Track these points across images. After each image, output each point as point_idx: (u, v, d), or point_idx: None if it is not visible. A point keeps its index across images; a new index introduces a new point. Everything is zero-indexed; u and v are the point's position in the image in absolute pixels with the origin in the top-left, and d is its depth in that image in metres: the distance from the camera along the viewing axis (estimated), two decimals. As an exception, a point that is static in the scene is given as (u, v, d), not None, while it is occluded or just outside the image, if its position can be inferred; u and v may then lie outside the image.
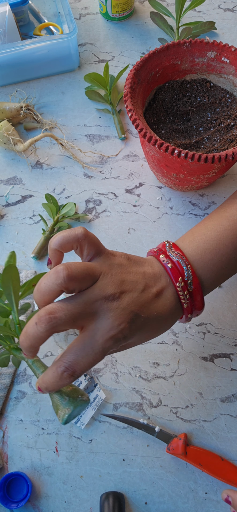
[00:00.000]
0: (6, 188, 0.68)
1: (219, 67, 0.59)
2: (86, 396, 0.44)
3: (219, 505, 0.51)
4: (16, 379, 0.57)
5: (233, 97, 0.61)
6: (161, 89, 0.61)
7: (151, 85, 0.59)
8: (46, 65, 0.76)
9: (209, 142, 0.59)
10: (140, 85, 0.56)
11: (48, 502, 0.52)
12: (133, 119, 0.52)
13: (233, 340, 0.58)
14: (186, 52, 0.59)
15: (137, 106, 0.55)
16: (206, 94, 0.62)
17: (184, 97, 0.62)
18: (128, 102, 0.53)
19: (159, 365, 0.57)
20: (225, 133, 0.59)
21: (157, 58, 0.58)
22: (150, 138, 0.50)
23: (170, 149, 0.49)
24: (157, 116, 0.61)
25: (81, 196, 0.67)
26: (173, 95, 0.62)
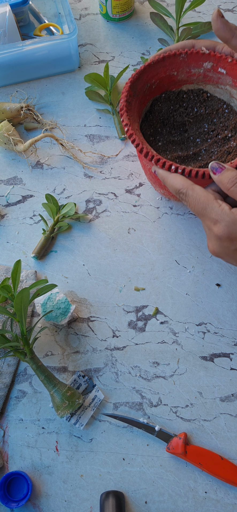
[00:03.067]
0: (6, 188, 0.69)
1: (216, 78, 0.58)
2: (82, 398, 0.54)
3: (219, 504, 0.51)
4: (16, 378, 0.57)
5: (230, 107, 0.59)
6: (157, 100, 0.60)
7: (147, 96, 0.58)
8: (46, 65, 0.76)
9: (206, 154, 0.58)
10: (136, 97, 0.55)
11: (48, 501, 0.52)
12: (129, 134, 0.51)
13: (232, 339, 0.58)
14: (182, 63, 0.57)
15: (133, 119, 0.54)
16: (203, 104, 0.61)
17: (181, 107, 0.61)
18: (124, 116, 0.52)
19: (158, 365, 0.57)
20: (223, 145, 0.58)
21: (152, 70, 0.56)
22: (146, 154, 0.50)
23: (167, 164, 0.48)
24: (153, 128, 0.60)
25: (82, 196, 0.68)
26: (170, 106, 0.61)
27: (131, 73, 0.78)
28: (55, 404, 0.52)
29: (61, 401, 0.51)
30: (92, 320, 0.60)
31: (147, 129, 0.59)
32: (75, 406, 0.52)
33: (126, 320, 0.59)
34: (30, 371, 0.57)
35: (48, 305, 0.57)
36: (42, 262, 0.63)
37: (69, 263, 0.63)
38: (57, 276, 0.62)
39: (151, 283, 0.61)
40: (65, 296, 0.58)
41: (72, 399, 0.52)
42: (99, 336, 0.59)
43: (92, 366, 0.57)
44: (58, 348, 0.58)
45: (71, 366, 0.57)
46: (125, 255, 0.63)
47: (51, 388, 0.52)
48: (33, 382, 0.57)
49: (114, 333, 0.59)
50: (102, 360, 0.57)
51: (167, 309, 0.60)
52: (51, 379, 0.52)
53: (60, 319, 0.57)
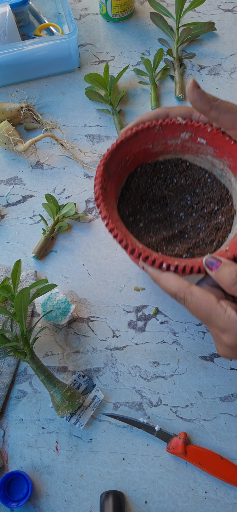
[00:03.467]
0: (6, 188, 0.69)
1: (195, 148, 0.53)
2: (82, 398, 0.53)
3: (219, 504, 0.51)
4: (16, 378, 0.57)
5: (213, 176, 0.55)
6: (132, 175, 0.55)
7: (122, 175, 0.53)
8: (46, 65, 0.76)
9: (193, 230, 0.53)
10: (111, 180, 0.50)
11: (48, 501, 0.52)
12: (110, 228, 0.46)
13: (232, 339, 0.58)
14: (157, 135, 0.52)
15: (111, 207, 0.49)
16: (183, 174, 0.55)
17: (159, 179, 0.56)
18: (101, 207, 0.47)
19: (158, 365, 0.57)
20: (210, 219, 0.53)
21: (126, 146, 0.51)
22: (132, 251, 0.45)
23: (157, 263, 0.44)
24: (132, 206, 0.54)
25: (82, 196, 0.68)
26: (147, 179, 0.55)
27: (131, 73, 0.78)
28: (55, 404, 0.52)
29: (61, 401, 0.51)
30: (92, 320, 0.60)
31: (125, 209, 0.54)
32: (75, 406, 0.52)
33: (126, 320, 0.59)
34: (30, 371, 0.57)
35: (48, 305, 0.57)
36: (42, 262, 0.63)
37: (69, 263, 0.63)
38: (57, 276, 0.62)
39: (151, 283, 0.61)
40: (65, 296, 0.58)
41: (72, 399, 0.52)
42: (99, 336, 0.59)
43: (92, 366, 0.57)
44: (58, 348, 0.58)
45: (71, 366, 0.57)
46: (125, 255, 0.63)
47: (51, 388, 0.52)
48: (33, 382, 0.57)
49: (114, 333, 0.59)
50: (102, 360, 0.57)
51: (167, 309, 0.60)
52: (51, 379, 0.52)
53: (60, 319, 0.57)
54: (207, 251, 0.51)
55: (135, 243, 0.46)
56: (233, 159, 0.51)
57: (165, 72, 0.78)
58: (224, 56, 0.79)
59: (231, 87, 0.76)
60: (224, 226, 0.52)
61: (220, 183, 0.54)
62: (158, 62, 0.76)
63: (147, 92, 0.76)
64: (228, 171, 0.52)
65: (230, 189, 0.54)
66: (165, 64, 0.78)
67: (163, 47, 0.80)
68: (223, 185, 0.54)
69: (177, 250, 0.52)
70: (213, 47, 0.80)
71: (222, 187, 0.54)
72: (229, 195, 0.54)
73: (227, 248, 0.47)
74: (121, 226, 0.48)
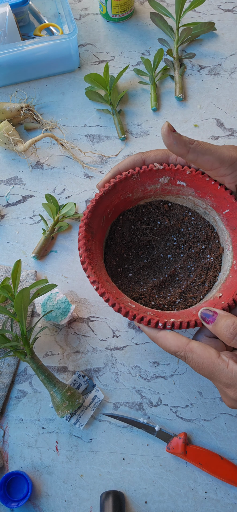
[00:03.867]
0: (6, 188, 0.69)
1: (176, 190, 0.52)
2: (82, 398, 0.54)
3: (219, 504, 0.51)
4: (16, 378, 0.57)
5: (197, 214, 0.54)
6: (115, 224, 0.54)
7: (105, 227, 0.52)
8: (46, 65, 0.76)
9: (183, 272, 0.54)
10: (95, 238, 0.50)
11: (48, 501, 0.52)
12: (100, 293, 0.45)
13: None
14: (136, 183, 0.51)
15: (98, 267, 0.48)
16: (166, 215, 0.55)
17: (143, 224, 0.55)
18: (88, 271, 0.46)
19: (158, 365, 0.57)
20: (198, 259, 0.54)
21: (105, 200, 0.51)
22: (126, 313, 0.44)
23: (152, 323, 0.44)
24: (118, 256, 0.54)
25: (82, 196, 0.68)
26: (130, 226, 0.55)
27: (131, 73, 0.78)
28: (55, 404, 0.52)
29: (61, 401, 0.51)
30: (92, 320, 0.60)
31: (112, 260, 0.53)
32: (75, 406, 0.52)
33: (126, 320, 0.59)
34: (30, 371, 0.57)
35: (48, 305, 0.57)
36: (42, 262, 0.63)
37: (69, 263, 0.63)
38: (57, 276, 0.62)
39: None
40: (65, 296, 0.58)
41: (72, 399, 0.52)
42: (99, 336, 0.59)
43: (92, 366, 0.57)
44: (58, 348, 0.58)
45: (71, 366, 0.57)
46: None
47: (51, 388, 0.52)
48: (33, 382, 0.57)
49: (114, 333, 0.59)
50: (102, 360, 0.57)
51: (167, 309, 0.60)
52: (51, 379, 0.52)
53: (60, 319, 0.57)
54: (200, 294, 0.51)
55: (127, 304, 0.46)
56: (216, 199, 0.50)
57: (165, 72, 0.78)
58: (224, 56, 0.79)
59: (231, 87, 0.76)
60: (213, 266, 0.52)
61: (204, 220, 0.54)
62: (158, 62, 0.76)
63: (147, 92, 0.76)
64: (212, 210, 0.52)
65: (215, 226, 0.53)
66: (165, 64, 0.78)
67: (163, 47, 0.80)
68: (208, 222, 0.54)
69: (170, 296, 0.52)
70: (213, 47, 0.80)
71: (207, 224, 0.54)
72: (215, 232, 0.54)
73: (221, 295, 0.47)
74: (111, 288, 0.47)
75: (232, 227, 0.50)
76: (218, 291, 0.49)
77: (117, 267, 0.53)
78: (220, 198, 0.50)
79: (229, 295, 0.46)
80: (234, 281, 0.48)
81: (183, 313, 0.47)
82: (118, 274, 0.53)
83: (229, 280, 0.49)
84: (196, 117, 0.74)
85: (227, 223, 0.51)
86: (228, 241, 0.51)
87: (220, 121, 0.73)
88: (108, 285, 0.47)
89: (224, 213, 0.51)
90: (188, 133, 0.72)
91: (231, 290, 0.47)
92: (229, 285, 0.48)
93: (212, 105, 0.75)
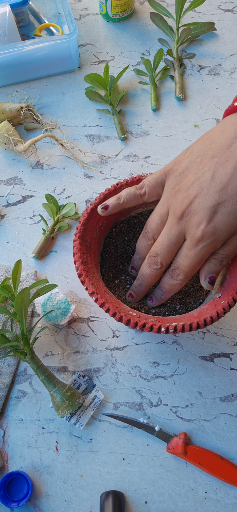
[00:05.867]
0: (6, 188, 0.69)
1: None
2: (82, 398, 0.54)
3: (219, 504, 0.51)
4: (16, 378, 0.57)
5: None
6: (108, 237, 0.55)
7: (98, 240, 0.53)
8: (46, 65, 0.76)
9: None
10: (89, 250, 0.50)
11: (48, 501, 0.52)
12: (100, 304, 0.45)
13: (232, 339, 0.58)
14: None
15: (96, 279, 0.48)
16: None
17: (136, 234, 0.56)
18: (86, 283, 0.46)
19: (158, 365, 0.57)
20: None
21: (97, 213, 0.51)
22: (128, 321, 0.44)
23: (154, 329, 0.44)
24: (114, 268, 0.54)
25: (82, 196, 0.68)
26: (123, 237, 0.56)
27: (131, 73, 0.78)
28: (55, 404, 0.52)
29: (61, 401, 0.51)
30: (92, 320, 0.60)
31: (109, 272, 0.54)
32: (75, 406, 0.52)
33: (126, 320, 0.59)
34: (30, 371, 0.57)
35: (48, 305, 0.57)
36: (42, 262, 0.63)
37: (69, 263, 0.63)
38: (57, 276, 0.62)
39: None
40: (65, 296, 0.58)
41: (72, 399, 0.52)
42: (99, 336, 0.59)
43: (92, 366, 0.57)
44: (58, 348, 0.58)
45: (71, 366, 0.57)
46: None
47: (51, 388, 0.52)
48: (33, 382, 0.57)
49: (114, 333, 0.59)
50: (102, 360, 0.57)
51: (167, 309, 0.60)
52: (51, 379, 0.52)
53: (60, 319, 0.57)
54: (199, 297, 0.52)
55: (128, 312, 0.46)
56: None
57: (165, 72, 0.78)
58: (224, 56, 0.79)
59: (231, 87, 0.76)
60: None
61: None
62: (158, 62, 0.76)
63: (147, 92, 0.76)
64: None
65: None
66: (165, 64, 0.78)
67: (163, 47, 0.80)
68: None
69: (169, 303, 0.52)
70: (213, 47, 0.80)
71: None
72: None
73: (220, 295, 0.47)
74: (110, 298, 0.47)
75: None
76: (217, 292, 0.49)
77: (114, 279, 0.54)
78: None
79: (228, 294, 0.47)
80: (231, 280, 0.48)
81: (184, 317, 0.48)
82: (116, 286, 0.53)
83: (226, 281, 0.49)
84: (196, 117, 0.74)
85: None
86: None
87: (220, 121, 0.73)
88: (107, 295, 0.47)
89: None
90: (188, 133, 0.72)
91: (230, 289, 0.47)
92: (226, 285, 0.48)
93: (212, 105, 0.75)
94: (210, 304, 0.48)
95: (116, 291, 0.53)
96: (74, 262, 0.47)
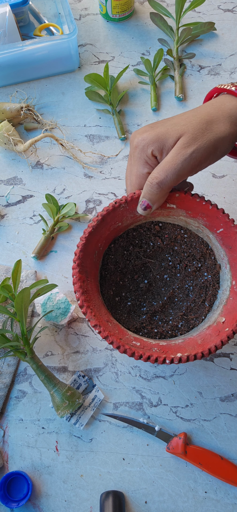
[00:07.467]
0: (6, 188, 0.69)
1: (166, 212, 0.51)
2: (82, 398, 0.54)
3: (219, 504, 0.51)
4: (16, 378, 0.57)
5: (189, 231, 0.53)
6: (107, 253, 0.53)
7: (97, 262, 0.51)
8: (46, 65, 0.76)
9: (181, 292, 0.53)
10: (89, 276, 0.49)
11: (48, 501, 0.52)
12: (103, 336, 0.45)
13: (232, 339, 0.58)
14: (124, 211, 0.50)
15: (98, 308, 0.47)
16: (158, 236, 0.54)
17: (135, 247, 0.54)
18: (88, 314, 0.45)
19: (158, 365, 0.57)
20: (195, 278, 0.53)
21: (95, 236, 0.49)
22: (132, 354, 0.44)
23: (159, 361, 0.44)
24: (114, 284, 0.53)
25: (82, 196, 0.68)
26: (123, 252, 0.54)
27: (131, 73, 0.78)
28: (55, 404, 0.52)
29: (61, 401, 0.51)
30: (92, 320, 0.60)
31: (109, 290, 0.52)
32: (75, 406, 0.52)
33: (126, 320, 0.59)
34: (30, 371, 0.57)
35: (48, 305, 0.57)
36: (42, 262, 0.63)
37: (69, 263, 0.63)
38: (57, 276, 0.62)
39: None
40: (65, 296, 0.58)
41: (72, 399, 0.52)
42: (99, 336, 0.59)
43: (92, 366, 0.57)
44: (58, 348, 0.58)
45: (71, 366, 0.57)
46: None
47: (51, 388, 0.52)
48: (33, 382, 0.57)
49: (114, 333, 0.59)
50: (102, 360, 0.57)
51: (167, 309, 0.60)
52: (51, 379, 0.52)
53: (60, 319, 0.57)
54: (201, 314, 0.51)
55: (132, 343, 0.46)
56: (208, 218, 0.50)
57: (165, 72, 0.78)
58: (224, 56, 0.79)
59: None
60: (212, 284, 0.52)
61: (198, 237, 0.53)
62: (158, 62, 0.76)
63: (147, 92, 0.76)
64: (205, 229, 0.52)
65: (209, 243, 0.53)
66: (165, 64, 0.78)
67: (163, 47, 0.80)
68: (202, 239, 0.53)
69: (171, 321, 0.51)
70: (213, 47, 0.80)
71: (200, 241, 0.53)
72: (210, 249, 0.53)
73: (224, 320, 0.47)
74: (113, 328, 0.47)
75: (228, 246, 0.50)
76: (220, 315, 0.48)
77: (115, 296, 0.53)
78: (212, 217, 0.50)
79: (233, 319, 0.46)
80: (236, 303, 0.48)
81: (188, 344, 0.47)
82: (117, 304, 0.52)
83: (230, 303, 0.49)
84: (196, 117, 0.74)
85: (222, 242, 0.51)
86: (225, 259, 0.51)
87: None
88: (110, 325, 0.47)
89: (218, 232, 0.50)
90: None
91: (234, 314, 0.47)
92: (231, 308, 0.48)
93: (212, 105, 0.75)
94: (214, 330, 0.47)
95: (117, 310, 0.52)
96: (74, 292, 0.46)
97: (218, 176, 0.68)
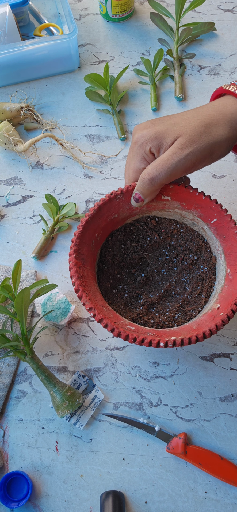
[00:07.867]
0: (6, 188, 0.69)
1: (161, 205, 0.53)
2: (82, 398, 0.54)
3: (219, 504, 0.51)
4: (16, 378, 0.57)
5: (185, 226, 0.54)
6: (105, 246, 0.54)
7: (95, 251, 0.52)
8: (46, 65, 0.76)
9: (178, 286, 0.54)
10: (86, 263, 0.49)
11: (48, 501, 0.52)
12: (98, 319, 0.45)
13: (232, 339, 0.58)
14: (120, 203, 0.52)
15: (93, 293, 0.48)
16: (154, 230, 0.55)
17: (132, 242, 0.55)
18: (84, 298, 0.45)
19: (158, 365, 0.57)
20: (192, 271, 0.54)
21: (92, 225, 0.50)
22: (126, 337, 0.44)
23: (153, 343, 0.44)
24: (112, 277, 0.54)
25: (82, 196, 0.68)
26: (120, 245, 0.55)
27: (131, 73, 0.78)
28: (55, 404, 0.52)
29: (61, 401, 0.51)
30: (92, 320, 0.60)
31: (106, 282, 0.53)
32: (75, 406, 0.52)
33: (126, 320, 0.59)
34: (30, 371, 0.57)
35: (48, 305, 0.57)
36: (42, 262, 0.63)
37: (69, 263, 0.63)
38: (57, 276, 0.62)
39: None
40: (65, 296, 0.58)
41: (72, 399, 0.52)
42: (99, 336, 0.59)
43: (92, 366, 0.57)
44: (58, 348, 0.58)
45: (71, 366, 0.57)
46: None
47: (51, 388, 0.52)
48: (33, 382, 0.57)
49: (114, 333, 0.59)
50: (102, 360, 0.57)
51: (167, 309, 0.60)
52: (51, 379, 0.52)
53: (60, 319, 0.57)
54: (198, 305, 0.52)
55: (126, 327, 0.46)
56: (202, 209, 0.51)
57: (165, 72, 0.78)
58: (224, 56, 0.79)
59: (231, 87, 0.76)
60: (208, 276, 0.52)
61: (193, 231, 0.54)
62: (158, 62, 0.76)
63: (147, 92, 0.76)
64: (199, 221, 0.53)
65: (205, 236, 0.54)
66: (165, 64, 0.78)
67: (163, 47, 0.80)
68: (197, 232, 0.54)
69: (168, 312, 0.52)
70: (213, 47, 0.80)
71: (196, 235, 0.54)
72: (206, 242, 0.54)
73: (219, 306, 0.47)
74: (108, 313, 0.47)
75: (222, 236, 0.51)
76: (216, 302, 0.49)
77: (112, 288, 0.53)
78: (206, 208, 0.51)
79: (227, 305, 0.46)
80: (230, 290, 0.48)
81: (183, 329, 0.47)
82: (114, 296, 0.53)
83: (225, 290, 0.49)
84: (196, 117, 0.74)
85: (216, 232, 0.51)
86: (220, 250, 0.51)
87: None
88: (105, 310, 0.47)
89: (212, 223, 0.51)
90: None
91: (229, 300, 0.47)
92: (225, 295, 0.48)
93: (212, 105, 0.75)
94: (209, 316, 0.47)
95: (114, 301, 0.52)
96: (70, 277, 0.46)
97: (218, 176, 0.68)
